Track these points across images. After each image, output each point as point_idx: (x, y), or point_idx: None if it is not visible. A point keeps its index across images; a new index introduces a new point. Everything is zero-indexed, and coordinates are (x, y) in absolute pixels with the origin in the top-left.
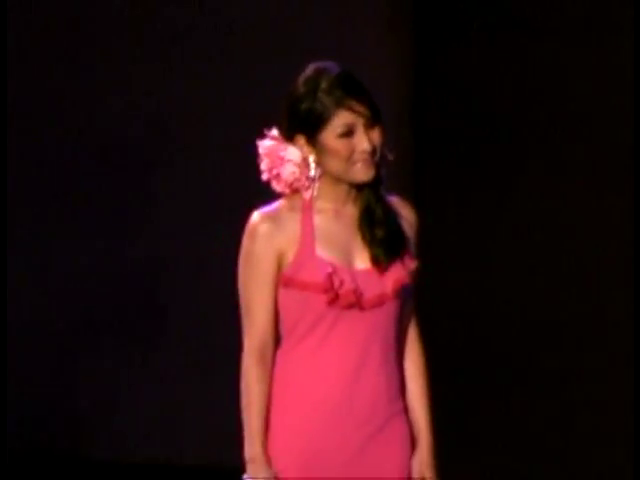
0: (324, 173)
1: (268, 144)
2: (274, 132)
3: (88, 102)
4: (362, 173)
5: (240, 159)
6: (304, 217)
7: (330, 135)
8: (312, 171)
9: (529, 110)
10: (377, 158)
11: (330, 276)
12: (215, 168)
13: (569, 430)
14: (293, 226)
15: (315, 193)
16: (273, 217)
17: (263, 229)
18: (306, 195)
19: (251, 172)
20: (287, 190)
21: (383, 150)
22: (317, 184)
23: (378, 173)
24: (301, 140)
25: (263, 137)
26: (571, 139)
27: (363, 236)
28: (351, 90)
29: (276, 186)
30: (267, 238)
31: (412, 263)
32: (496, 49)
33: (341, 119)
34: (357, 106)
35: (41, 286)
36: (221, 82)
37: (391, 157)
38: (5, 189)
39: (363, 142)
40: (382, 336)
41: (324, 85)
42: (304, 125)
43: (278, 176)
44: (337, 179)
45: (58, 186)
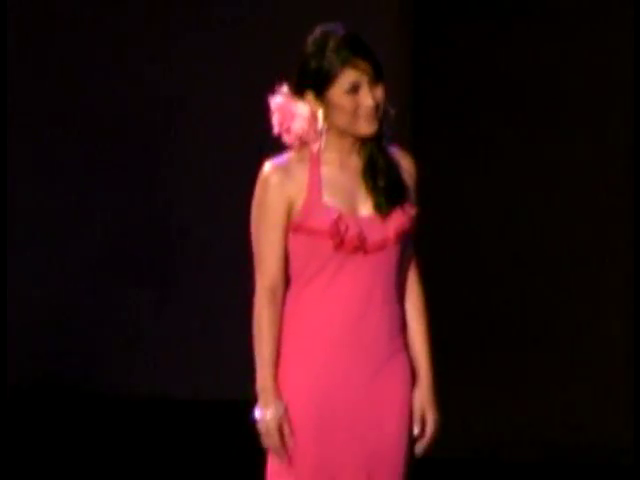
0: (331, 127)
1: (279, 100)
2: (284, 89)
3: (106, 61)
4: (366, 127)
5: (253, 113)
6: (312, 168)
7: (337, 92)
8: (320, 125)
9: (521, 72)
10: (380, 113)
11: (336, 222)
12: (228, 124)
13: (569, 369)
14: (302, 176)
15: (322, 145)
16: (283, 168)
17: (274, 179)
18: (314, 147)
19: (262, 126)
20: (296, 143)
21: (385, 106)
22: (324, 137)
23: (380, 127)
24: (310, 96)
25: (274, 93)
26: (561, 97)
27: (366, 185)
28: (357, 50)
29: (286, 139)
30: (278, 187)
31: (412, 210)
32: (493, 16)
33: (347, 77)
34: (362, 65)
35: (64, 232)
36: (237, 50)
37: (393, 112)
38: (44, 141)
39: (367, 98)
40: (384, 278)
41: (331, 45)
42: (313, 82)
43: (288, 129)
44: (342, 132)
45: (87, 145)
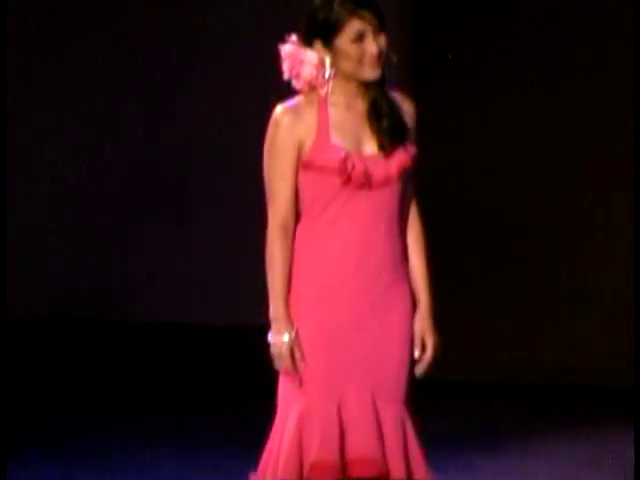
0: (337, 73)
1: (289, 48)
2: (293, 38)
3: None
4: (370, 72)
5: (264, 62)
6: (320, 110)
7: (344, 40)
8: (328, 71)
9: (521, 16)
10: (383, 60)
11: (344, 160)
12: (241, 70)
13: (571, 294)
14: (311, 118)
15: (329, 90)
16: (294, 110)
17: (285, 120)
18: (322, 91)
19: (273, 73)
20: (305, 88)
21: (388, 53)
22: (331, 82)
23: (383, 73)
24: (318, 45)
25: (284, 42)
26: (564, 40)
27: (371, 126)
28: (361, 2)
29: (295, 84)
30: (289, 128)
31: (413, 149)
32: None
33: (353, 26)
34: (367, 15)
35: (91, 164)
36: None
37: (395, 59)
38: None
39: (372, 46)
40: (387, 212)
41: None
42: (321, 32)
43: (298, 75)
44: (348, 78)
45: (108, 86)
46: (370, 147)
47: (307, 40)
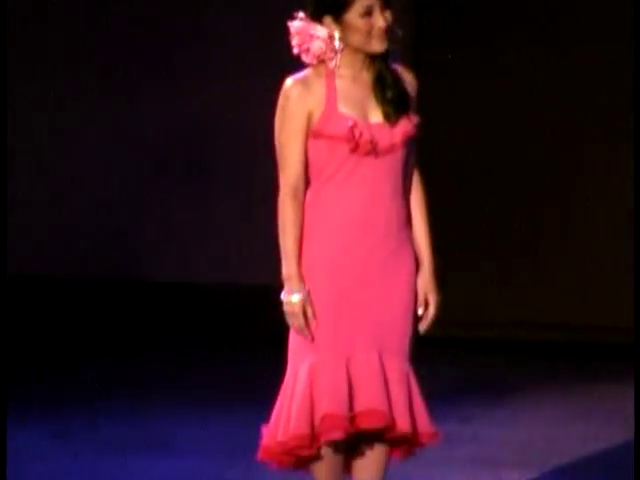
0: (345, 47)
1: (298, 24)
2: (301, 15)
3: None
4: (378, 45)
5: (274, 37)
6: (328, 82)
7: (354, 15)
8: (337, 44)
9: None
10: (389, 34)
11: (351, 128)
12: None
13: (573, 253)
14: (319, 89)
15: (337, 63)
16: (303, 82)
17: (295, 92)
18: (331, 64)
19: (283, 47)
20: (315, 61)
21: (393, 27)
22: (339, 55)
23: (388, 46)
24: (328, 20)
25: (293, 19)
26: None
27: (376, 97)
28: None
29: (305, 58)
30: (299, 99)
31: (416, 118)
32: None
33: (363, 2)
34: None
35: (114, 132)
36: None
37: (400, 33)
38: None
39: (379, 20)
40: (393, 178)
41: None
42: (332, 8)
43: (307, 50)
44: (356, 51)
45: (131, 54)
46: (376, 116)
47: (317, 16)
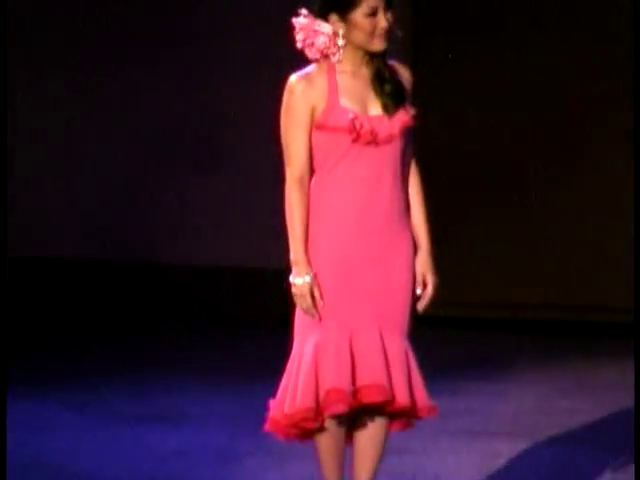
0: (347, 43)
1: (303, 20)
2: (305, 12)
3: None
4: (379, 44)
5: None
6: (330, 77)
7: (359, 14)
8: (340, 41)
9: None
10: (389, 34)
11: (353, 120)
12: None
13: (573, 234)
14: (322, 84)
15: (339, 58)
16: (306, 78)
17: (299, 87)
18: (333, 59)
19: (285, 45)
20: (317, 55)
21: (394, 28)
22: (340, 51)
23: (387, 45)
24: (334, 18)
25: (297, 16)
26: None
27: (375, 90)
28: None
29: (308, 53)
30: (302, 94)
31: (412, 110)
32: None
33: (369, 2)
34: None
35: (126, 126)
36: None
37: (399, 34)
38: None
39: (382, 21)
40: (392, 166)
41: None
42: (339, 6)
43: (311, 44)
44: (357, 48)
45: (143, 46)
46: (375, 109)
47: (322, 14)
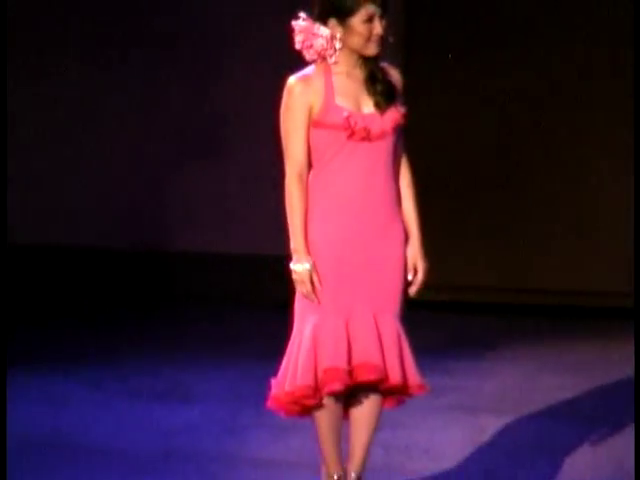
0: (343, 47)
1: (303, 24)
2: (304, 16)
3: None
4: (373, 48)
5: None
6: (326, 78)
7: (357, 21)
8: (337, 44)
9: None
10: (383, 39)
11: (348, 118)
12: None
13: (572, 221)
14: (319, 85)
15: (335, 60)
16: (304, 79)
17: (298, 88)
18: (330, 60)
19: (286, 47)
20: (315, 56)
21: (387, 34)
22: (337, 53)
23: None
24: (333, 22)
25: (297, 19)
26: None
27: (368, 90)
28: None
29: (307, 54)
30: (300, 94)
31: (402, 108)
32: None
33: (366, 10)
34: (377, 1)
35: (147, 115)
36: None
37: (391, 40)
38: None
39: (378, 27)
40: (384, 160)
41: None
42: (338, 12)
43: (310, 46)
44: (352, 51)
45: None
46: (368, 107)
47: (322, 18)
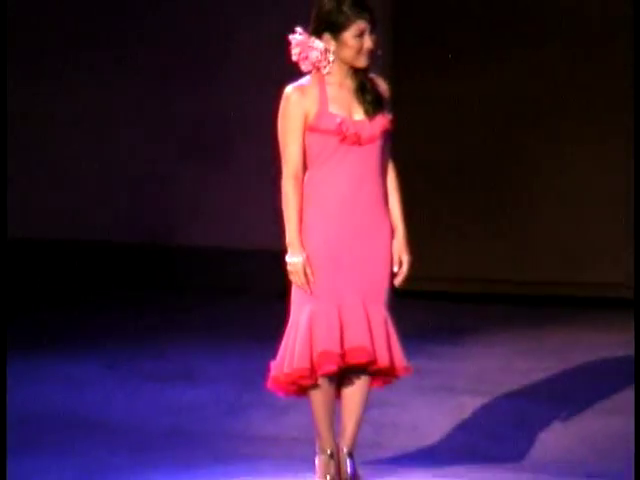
0: (336, 59)
1: (299, 37)
2: (300, 30)
3: None
4: (363, 61)
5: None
6: (320, 88)
7: (349, 36)
8: (331, 57)
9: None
10: (372, 53)
11: (340, 124)
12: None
13: (569, 212)
14: (313, 94)
15: (328, 71)
16: (300, 88)
17: (294, 96)
18: (324, 71)
19: (283, 57)
20: (310, 68)
21: (376, 48)
22: (330, 65)
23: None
24: (327, 36)
25: (293, 33)
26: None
27: (358, 99)
28: (364, 7)
29: (302, 65)
30: (297, 102)
31: (389, 115)
32: None
33: (358, 26)
34: (367, 17)
35: (144, 126)
36: None
37: (380, 53)
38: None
39: (368, 42)
40: (374, 163)
41: (347, 3)
42: (332, 27)
43: (305, 58)
44: (344, 63)
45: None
46: (358, 114)
47: (317, 32)
